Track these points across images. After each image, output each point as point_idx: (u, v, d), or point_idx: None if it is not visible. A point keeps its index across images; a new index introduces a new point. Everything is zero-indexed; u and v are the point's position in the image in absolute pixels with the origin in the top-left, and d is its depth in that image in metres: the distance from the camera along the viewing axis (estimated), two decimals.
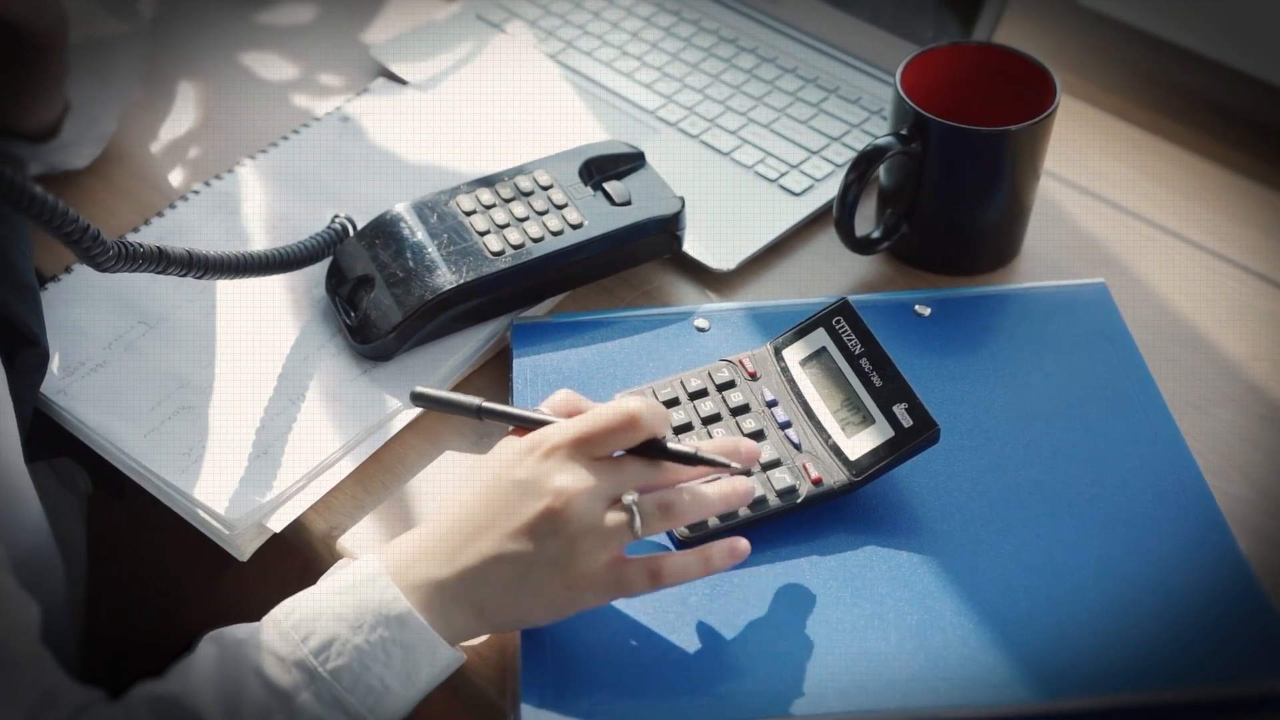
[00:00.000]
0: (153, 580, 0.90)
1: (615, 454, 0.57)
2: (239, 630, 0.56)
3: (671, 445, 0.57)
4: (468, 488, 0.57)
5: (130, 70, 0.83)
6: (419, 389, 0.62)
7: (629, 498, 0.56)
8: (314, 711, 0.54)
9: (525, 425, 0.59)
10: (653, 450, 0.57)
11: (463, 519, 0.56)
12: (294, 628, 0.55)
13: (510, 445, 0.58)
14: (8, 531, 0.61)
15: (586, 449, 0.56)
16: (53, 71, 0.65)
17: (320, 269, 0.75)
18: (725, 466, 0.57)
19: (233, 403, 0.70)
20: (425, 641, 0.55)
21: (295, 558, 0.70)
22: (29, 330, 0.65)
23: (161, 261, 0.62)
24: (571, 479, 0.55)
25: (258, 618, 0.58)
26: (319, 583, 0.58)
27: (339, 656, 0.54)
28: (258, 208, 0.81)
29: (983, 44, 0.77)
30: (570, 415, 0.59)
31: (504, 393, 0.71)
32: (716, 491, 0.58)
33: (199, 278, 0.65)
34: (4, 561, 0.57)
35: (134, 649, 0.87)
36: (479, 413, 0.61)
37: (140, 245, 0.61)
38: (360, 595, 0.55)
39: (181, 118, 0.89)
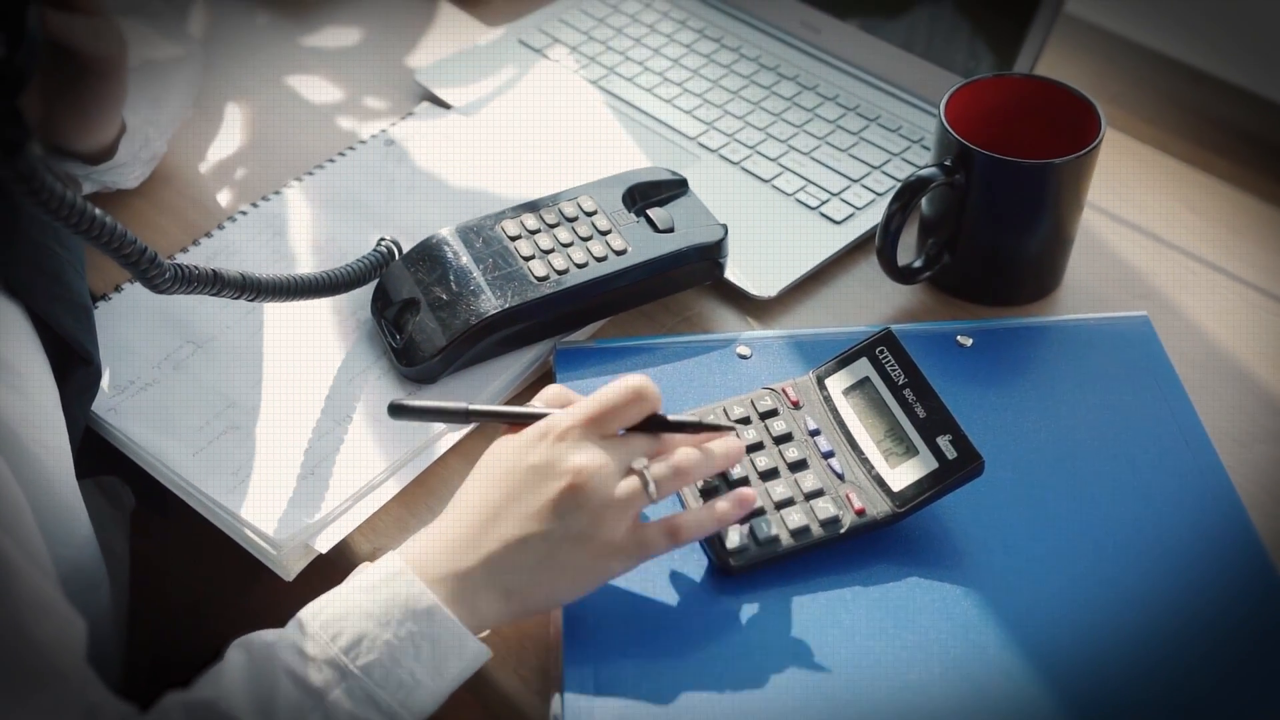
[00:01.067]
0: (189, 596, 0.91)
1: (620, 431, 0.60)
2: (266, 634, 0.57)
3: (673, 417, 0.61)
4: (481, 480, 0.59)
5: (182, 93, 0.85)
6: (397, 400, 0.62)
7: (639, 463, 0.58)
8: (347, 708, 0.55)
9: (518, 421, 0.61)
10: (657, 424, 0.60)
11: (481, 508, 0.58)
12: (322, 627, 0.56)
13: (517, 437, 0.59)
14: (59, 546, 0.62)
15: (597, 427, 0.58)
16: (111, 96, 0.66)
17: (366, 292, 0.75)
18: (728, 429, 0.62)
19: (280, 423, 0.70)
20: (453, 634, 0.56)
21: (333, 576, 0.71)
22: (83, 349, 0.66)
23: (215, 284, 0.63)
24: (587, 457, 0.57)
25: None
26: (344, 583, 0.59)
27: (369, 653, 0.55)
28: (304, 229, 0.82)
29: (1027, 76, 0.78)
30: (564, 406, 0.61)
31: None
32: (719, 448, 0.61)
33: (250, 300, 0.66)
34: (55, 577, 0.58)
35: (170, 664, 0.87)
36: (466, 416, 0.62)
37: (195, 268, 0.62)
38: (387, 591, 0.56)
39: (229, 139, 0.90)
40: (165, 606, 0.89)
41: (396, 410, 0.62)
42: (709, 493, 0.63)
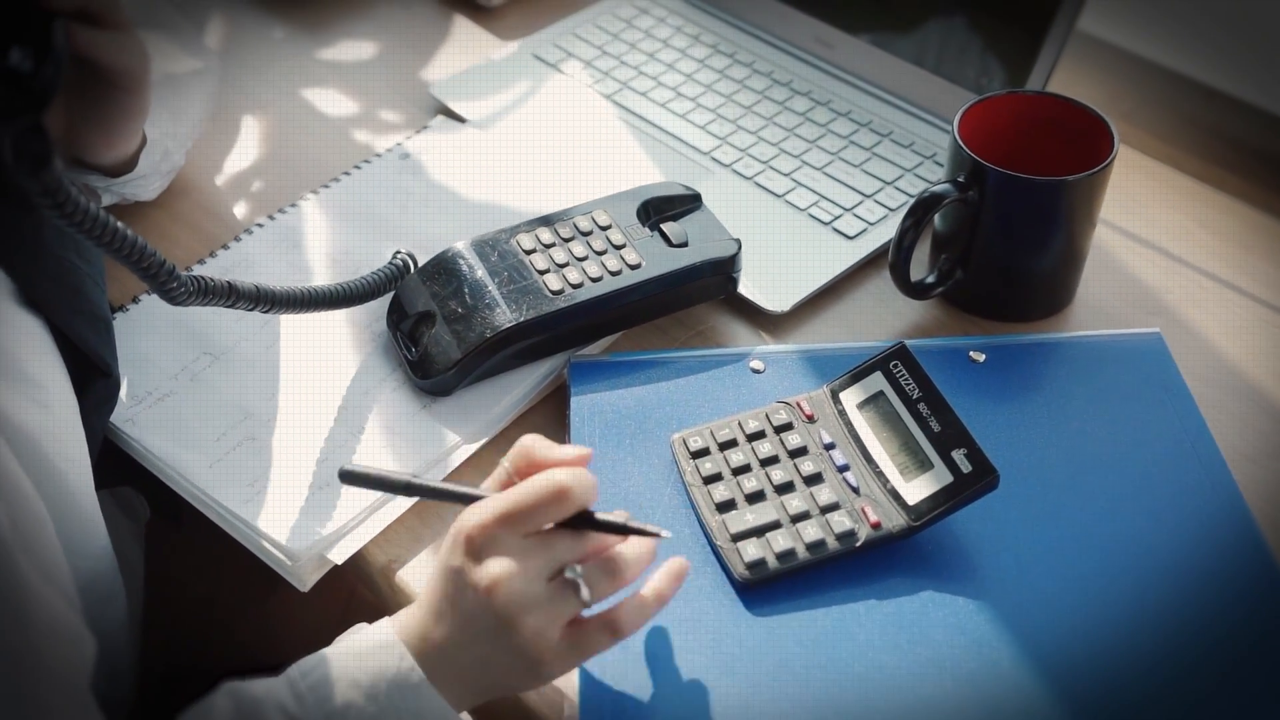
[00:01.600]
0: (203, 606, 0.91)
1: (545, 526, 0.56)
2: (255, 687, 0.57)
3: (601, 516, 0.57)
4: (434, 569, 0.58)
5: (200, 105, 0.85)
6: (347, 467, 0.59)
7: (570, 572, 0.55)
8: None
9: (455, 501, 0.59)
10: (582, 522, 0.56)
11: (433, 604, 0.57)
12: (310, 689, 0.56)
13: (451, 530, 0.57)
14: (77, 558, 0.62)
15: (512, 526, 0.55)
16: (134, 110, 0.67)
17: (382, 304, 0.76)
18: (655, 534, 0.57)
19: (295, 435, 0.71)
20: (436, 712, 0.56)
21: (342, 587, 0.71)
22: (102, 361, 0.66)
23: (231, 296, 0.63)
24: (498, 564, 0.54)
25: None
26: (336, 643, 0.58)
27: None
28: (320, 242, 0.82)
29: (1040, 92, 0.78)
30: (525, 470, 0.57)
31: (562, 430, 0.72)
32: (641, 549, 0.57)
33: (265, 312, 0.66)
34: (73, 594, 0.58)
35: (184, 674, 0.88)
36: (408, 490, 0.59)
37: (212, 280, 0.63)
38: (376, 663, 0.56)
39: (246, 152, 0.91)
40: (180, 617, 0.89)
41: (346, 476, 0.59)
42: (754, 496, 0.63)
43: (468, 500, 0.58)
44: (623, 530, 0.57)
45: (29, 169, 0.52)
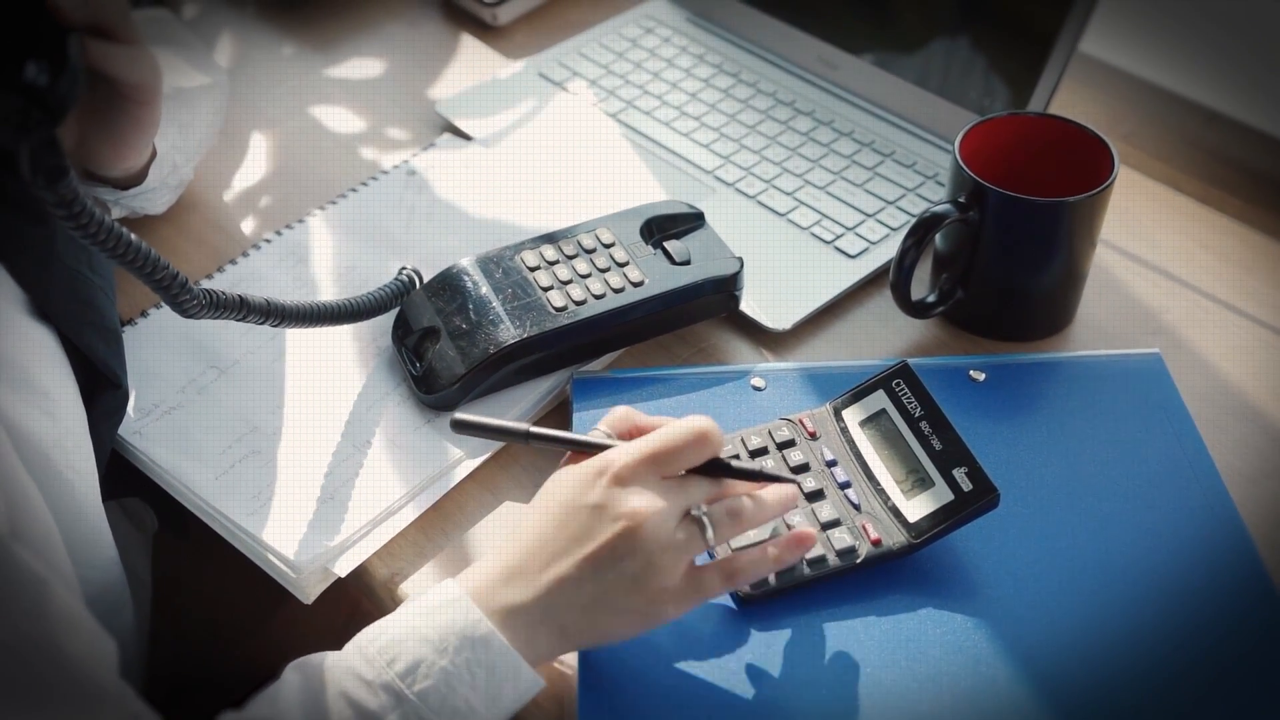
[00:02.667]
0: (208, 618, 0.92)
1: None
2: (324, 657, 0.58)
3: (736, 464, 0.60)
4: (540, 513, 0.59)
5: (209, 121, 0.86)
6: (461, 415, 0.62)
7: (698, 509, 0.58)
8: None
9: (579, 450, 0.61)
10: (719, 468, 0.59)
11: (538, 545, 0.58)
12: (380, 652, 0.56)
13: (577, 471, 0.59)
14: (85, 569, 0.63)
15: (655, 468, 0.57)
16: (145, 123, 0.68)
17: (387, 320, 0.77)
18: (788, 480, 0.61)
19: (300, 448, 0.71)
20: (508, 663, 0.56)
21: (345, 600, 0.72)
22: (111, 373, 0.67)
23: (242, 310, 0.64)
24: (644, 500, 0.56)
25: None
26: (401, 608, 0.59)
27: (425, 679, 0.55)
28: (326, 257, 0.83)
29: (1041, 114, 0.79)
30: (629, 433, 0.60)
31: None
32: (774, 496, 0.60)
33: (275, 325, 0.67)
34: (81, 599, 0.58)
35: (188, 686, 0.88)
36: (527, 438, 0.61)
37: (224, 294, 0.63)
38: (445, 617, 0.57)
39: (254, 168, 0.92)
40: (185, 628, 0.89)
41: (460, 425, 0.61)
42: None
43: (591, 449, 0.60)
44: (755, 476, 0.60)
45: (45, 181, 0.52)
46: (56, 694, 0.52)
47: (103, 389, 0.67)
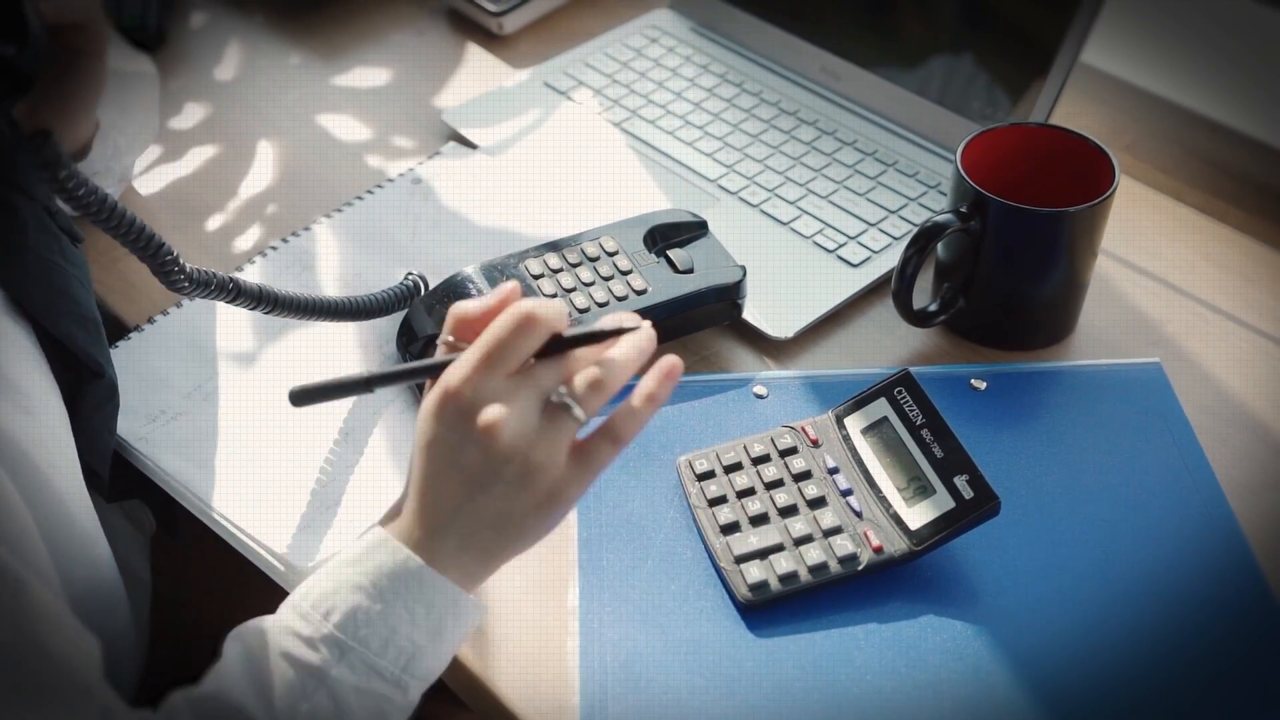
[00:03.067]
0: (209, 619, 0.92)
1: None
2: (261, 621, 0.57)
3: (571, 332, 0.56)
4: (419, 455, 0.57)
5: (146, 109, 0.85)
6: (298, 386, 0.57)
7: (557, 395, 0.55)
8: (351, 682, 0.55)
9: (422, 377, 0.58)
10: (559, 345, 0.56)
11: (429, 484, 0.56)
12: (314, 606, 0.56)
13: (429, 402, 0.56)
14: (74, 566, 0.62)
15: (494, 369, 0.54)
16: (93, 77, 0.66)
17: (391, 326, 0.77)
18: (631, 330, 0.57)
19: (303, 453, 0.72)
20: (445, 595, 0.56)
21: None
22: (94, 362, 0.66)
23: (233, 292, 0.63)
24: (493, 409, 0.54)
25: None
26: (328, 563, 0.58)
27: (365, 625, 0.55)
28: (332, 265, 0.83)
29: (1042, 125, 0.79)
30: (466, 334, 0.57)
31: None
32: (627, 350, 0.57)
33: (267, 313, 0.66)
34: (62, 595, 0.58)
35: (181, 684, 0.88)
36: (369, 385, 0.57)
37: (216, 273, 0.62)
38: (373, 562, 0.56)
39: (260, 176, 0.92)
40: (185, 630, 0.89)
41: (300, 397, 0.57)
42: (758, 519, 0.65)
43: (435, 370, 0.56)
44: (598, 337, 0.56)
45: (33, 146, 0.52)
46: (34, 691, 0.52)
47: (88, 379, 0.66)
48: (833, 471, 0.67)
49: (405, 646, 0.56)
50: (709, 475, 0.68)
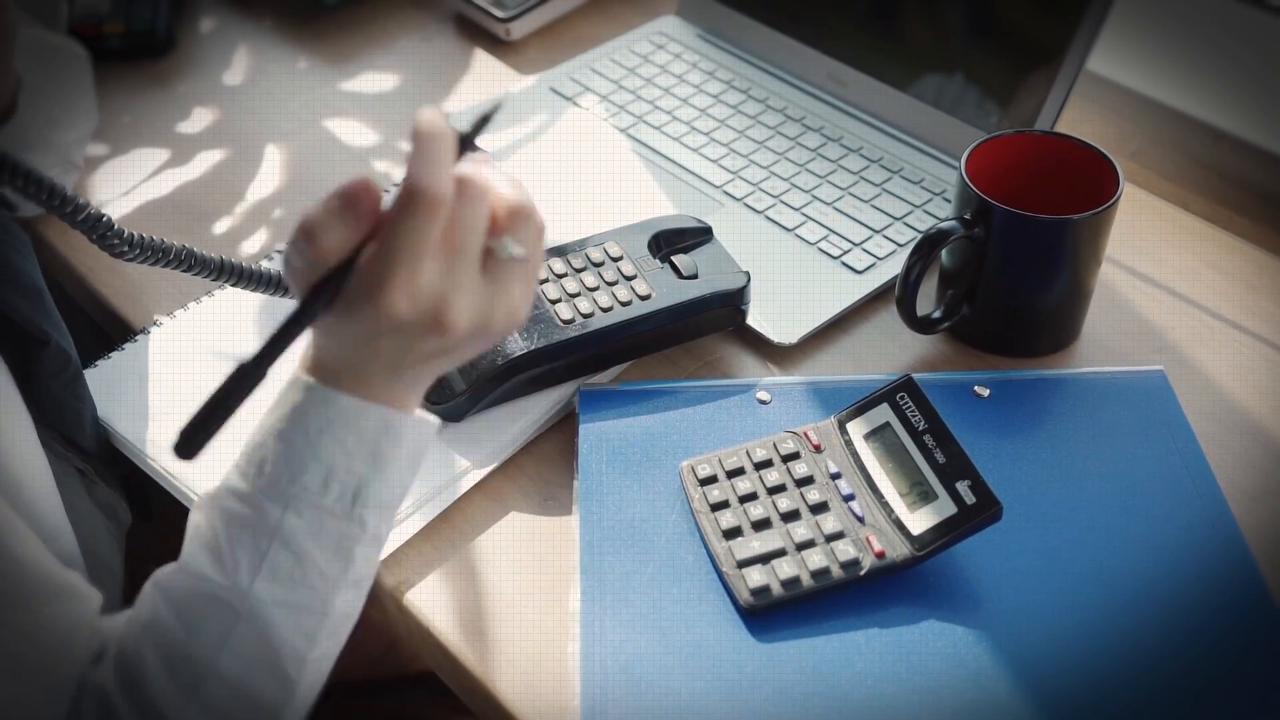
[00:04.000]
0: None
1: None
2: (210, 491, 0.56)
3: (466, 132, 0.53)
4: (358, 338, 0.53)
5: (83, 92, 0.85)
6: (177, 435, 0.52)
7: (496, 244, 0.53)
8: (302, 529, 0.54)
9: (297, 334, 0.52)
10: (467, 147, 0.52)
11: (366, 349, 0.53)
12: (247, 463, 0.54)
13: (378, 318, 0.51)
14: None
15: (437, 264, 0.51)
16: (3, 31, 0.65)
17: None
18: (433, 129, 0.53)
19: None
20: (372, 418, 0.54)
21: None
22: (39, 330, 0.65)
23: (166, 255, 0.61)
24: (444, 306, 0.51)
25: None
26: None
27: (301, 470, 0.54)
28: None
29: (1047, 133, 0.79)
30: (367, 227, 0.52)
31: (571, 455, 0.73)
32: (495, 174, 0.54)
33: (196, 275, 0.64)
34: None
35: None
36: (250, 373, 0.51)
37: (154, 238, 0.61)
38: (288, 403, 0.54)
39: (268, 180, 0.93)
40: None
41: (184, 445, 0.51)
42: (760, 524, 0.65)
43: (318, 298, 0.51)
44: (469, 143, 0.53)
45: None
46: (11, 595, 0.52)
47: (35, 348, 0.65)
48: (835, 476, 0.67)
49: (347, 480, 0.54)
50: (711, 480, 0.68)
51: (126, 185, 0.92)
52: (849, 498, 0.66)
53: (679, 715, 0.60)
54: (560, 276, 0.76)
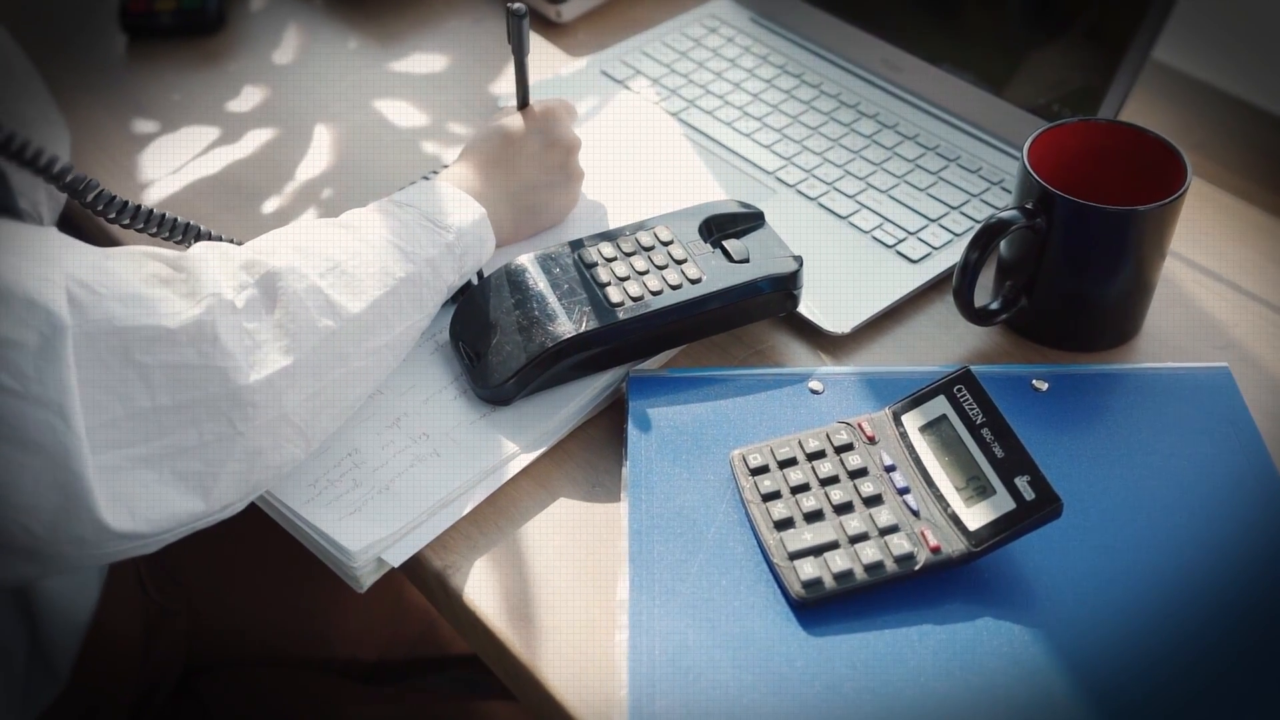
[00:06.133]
0: (249, 598, 0.92)
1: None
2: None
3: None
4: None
5: (18, 61, 0.81)
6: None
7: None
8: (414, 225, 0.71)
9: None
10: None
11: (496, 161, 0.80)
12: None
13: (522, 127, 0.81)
14: None
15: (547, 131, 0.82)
16: None
17: (445, 314, 0.77)
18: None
19: (356, 440, 0.71)
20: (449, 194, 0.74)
21: (390, 589, 0.71)
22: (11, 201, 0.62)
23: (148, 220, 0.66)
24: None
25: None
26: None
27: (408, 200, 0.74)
28: None
29: (1112, 121, 0.77)
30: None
31: (619, 442, 0.72)
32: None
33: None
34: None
35: (219, 664, 0.89)
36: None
37: (139, 205, 0.65)
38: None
39: (316, 160, 0.92)
40: (226, 608, 0.90)
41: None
42: (813, 515, 0.64)
43: None
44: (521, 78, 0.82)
45: None
46: None
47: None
48: (889, 469, 0.66)
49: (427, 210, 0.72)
50: (763, 470, 0.67)
51: (176, 163, 0.92)
52: (904, 491, 0.65)
53: (727, 707, 0.59)
54: (610, 260, 0.75)
